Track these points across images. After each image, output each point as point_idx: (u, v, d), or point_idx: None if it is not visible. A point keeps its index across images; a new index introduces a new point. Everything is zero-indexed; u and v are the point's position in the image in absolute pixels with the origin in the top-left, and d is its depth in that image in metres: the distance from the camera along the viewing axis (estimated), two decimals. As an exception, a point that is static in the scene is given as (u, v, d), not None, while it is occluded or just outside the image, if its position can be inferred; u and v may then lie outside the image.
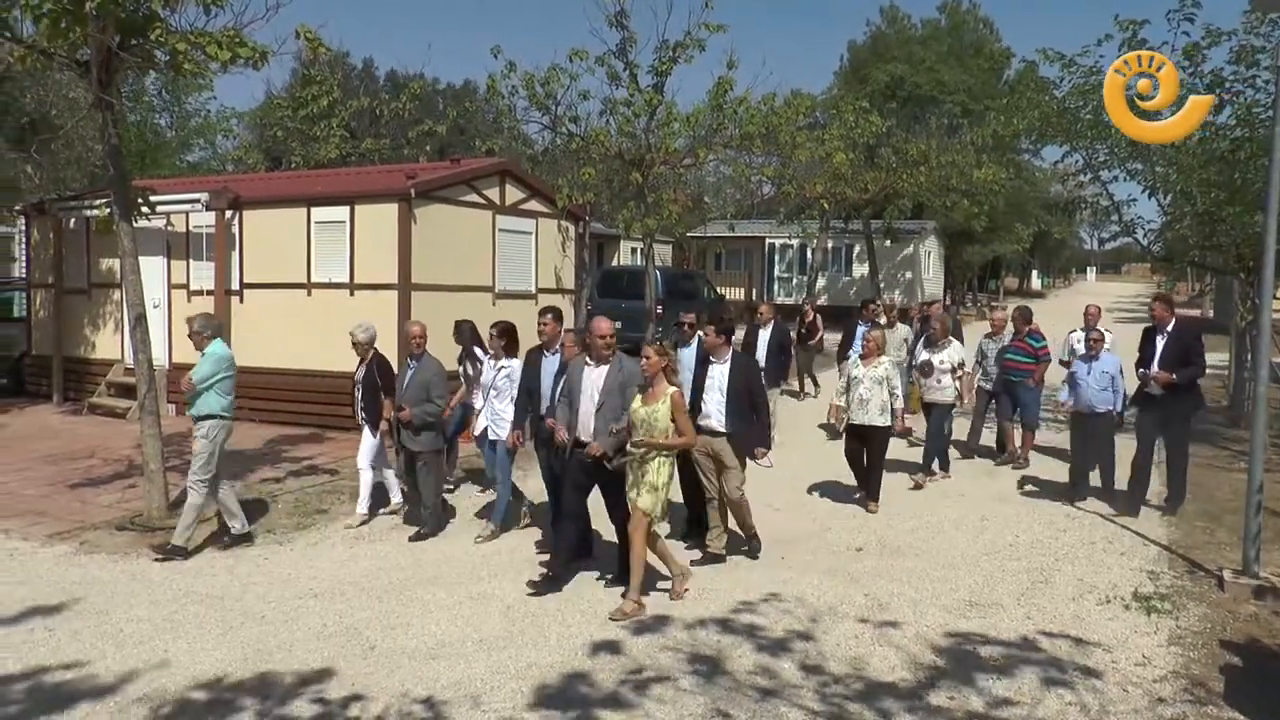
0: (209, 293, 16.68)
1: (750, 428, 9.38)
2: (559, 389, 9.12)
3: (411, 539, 10.28)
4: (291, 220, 16.20)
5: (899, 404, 11.08)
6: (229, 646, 7.36)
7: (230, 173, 31.17)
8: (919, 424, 13.69)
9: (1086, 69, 14.35)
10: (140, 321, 10.90)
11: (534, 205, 17.85)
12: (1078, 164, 16.33)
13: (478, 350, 11.59)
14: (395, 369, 11.06)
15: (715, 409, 9.32)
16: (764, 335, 14.46)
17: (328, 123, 26.78)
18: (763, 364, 13.57)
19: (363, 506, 10.92)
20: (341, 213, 15.76)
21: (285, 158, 29.77)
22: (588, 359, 8.79)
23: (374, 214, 15.44)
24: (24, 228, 20.25)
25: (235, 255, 16.67)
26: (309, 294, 15.98)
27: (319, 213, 15.98)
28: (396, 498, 11.23)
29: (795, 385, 19.44)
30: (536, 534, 10.37)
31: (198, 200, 16.45)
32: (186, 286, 17.20)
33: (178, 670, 6.92)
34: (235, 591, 8.65)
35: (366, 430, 10.91)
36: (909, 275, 42.03)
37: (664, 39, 19.30)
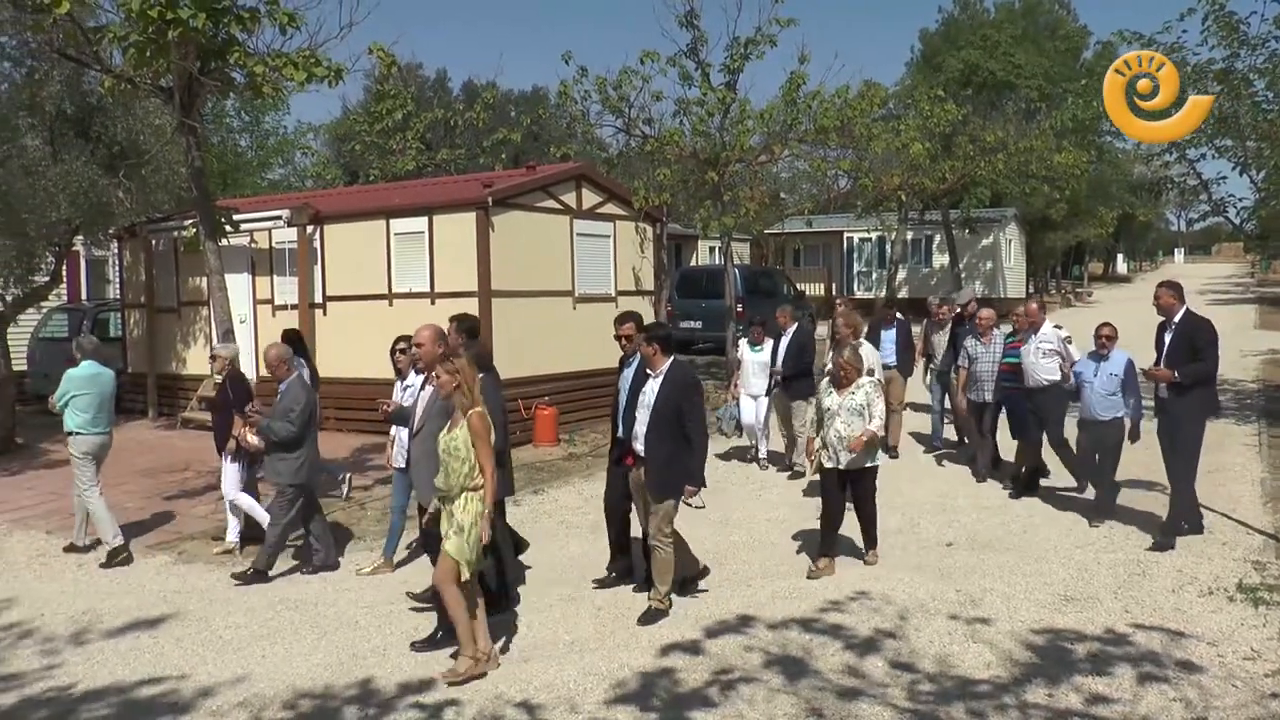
0: (293, 307, 16.97)
1: (676, 457, 7.91)
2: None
3: (234, 575, 9.44)
4: (371, 233, 16.42)
5: (875, 424, 8.87)
6: (325, 652, 7.50)
7: (309, 189, 31.71)
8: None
9: (1167, 46, 14.02)
10: (228, 337, 11.16)
11: (611, 208, 17.89)
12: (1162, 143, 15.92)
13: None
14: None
15: (641, 429, 8.04)
16: (784, 343, 13.22)
17: (403, 135, 27.06)
18: (782, 373, 13.03)
19: (232, 534, 10.33)
20: (420, 223, 15.95)
21: (363, 172, 30.16)
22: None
23: (452, 223, 15.59)
24: (117, 250, 20.83)
25: (317, 269, 16.94)
26: (390, 304, 16.18)
27: (398, 224, 16.18)
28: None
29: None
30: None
31: (279, 217, 16.74)
32: (271, 301, 17.52)
33: (276, 676, 7.07)
34: (328, 598, 8.80)
35: (225, 458, 10.15)
36: (989, 265, 41.44)
37: (735, 36, 19.25)
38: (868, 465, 9.08)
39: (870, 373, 10.87)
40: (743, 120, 19.14)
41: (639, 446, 8.04)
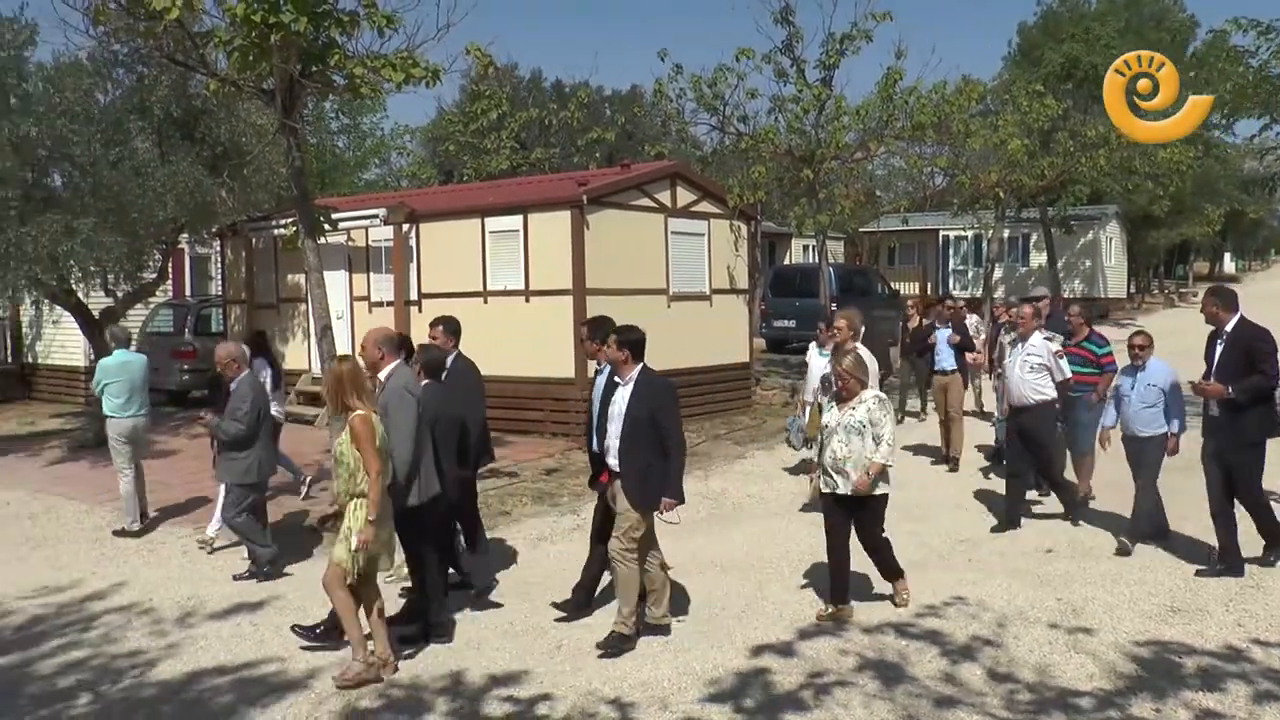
0: (389, 304, 17.22)
1: (652, 468, 7.39)
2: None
3: (235, 576, 9.50)
4: (466, 231, 16.59)
5: (880, 455, 7.70)
6: (414, 643, 7.56)
7: (405, 188, 32.11)
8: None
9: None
10: (326, 333, 11.34)
11: (705, 206, 17.84)
12: (1278, 136, 15.41)
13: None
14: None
15: (613, 441, 7.52)
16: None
17: (498, 135, 27.29)
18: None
19: (213, 527, 10.53)
20: (515, 222, 16.07)
21: (457, 171, 30.48)
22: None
23: (547, 221, 15.68)
24: (220, 248, 21.35)
25: (413, 267, 17.16)
26: (485, 302, 16.33)
27: (493, 223, 16.32)
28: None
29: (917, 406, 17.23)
30: (717, 533, 10.34)
31: (376, 216, 16.99)
32: (367, 298, 17.80)
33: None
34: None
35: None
36: (1089, 264, 40.53)
37: (830, 32, 19.12)
38: (875, 494, 7.86)
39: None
40: (838, 117, 19.01)
41: (612, 461, 7.54)
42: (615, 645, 7.30)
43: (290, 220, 15.52)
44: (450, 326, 9.07)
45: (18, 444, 16.43)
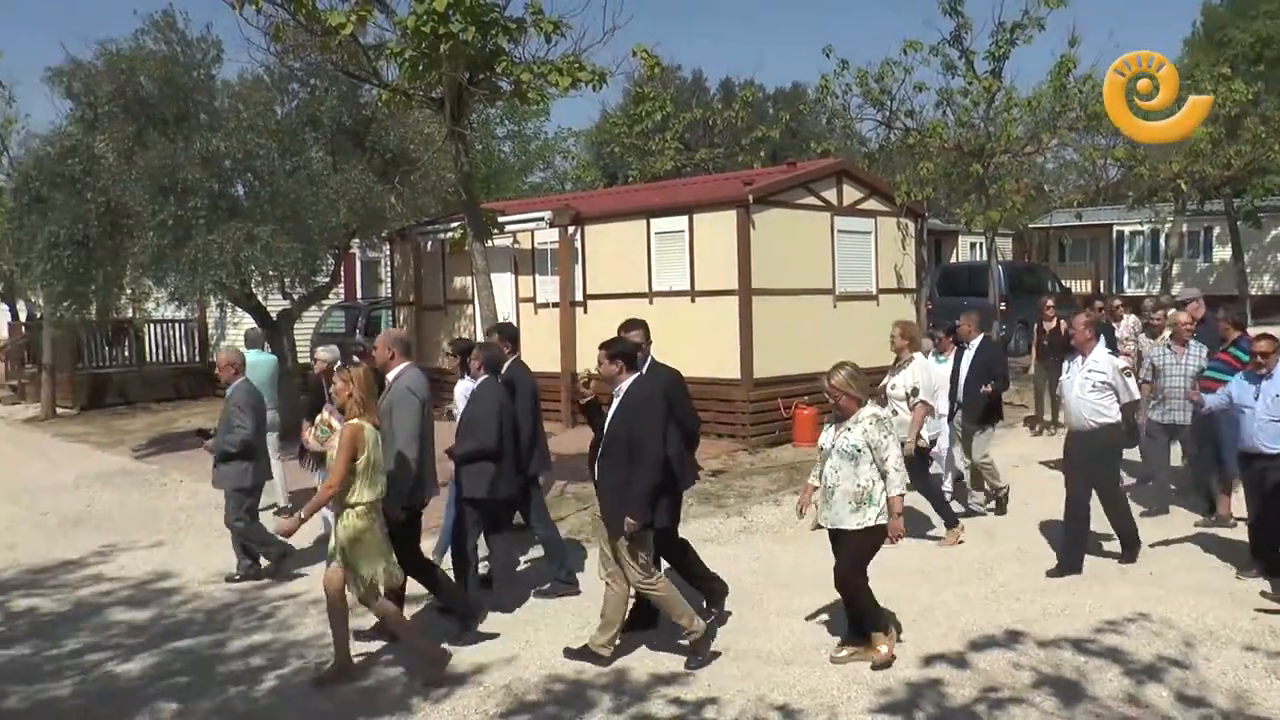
0: (554, 305, 17.42)
1: (625, 485, 6.99)
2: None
3: (228, 578, 9.58)
4: (631, 232, 16.67)
5: (895, 488, 6.85)
6: (581, 639, 7.58)
7: (569, 191, 32.52)
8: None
9: None
10: (491, 335, 11.52)
11: (872, 204, 17.53)
12: None
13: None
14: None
15: (600, 458, 7.28)
16: (967, 357, 11.31)
17: (662, 136, 27.39)
18: (962, 396, 11.16)
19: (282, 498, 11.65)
20: (680, 222, 16.07)
21: (622, 173, 30.73)
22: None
23: (713, 222, 15.64)
24: (389, 252, 22.00)
25: (578, 268, 17.33)
26: (650, 302, 16.37)
27: (658, 224, 16.36)
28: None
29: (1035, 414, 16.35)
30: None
31: (542, 218, 17.21)
32: (533, 300, 18.05)
33: (539, 660, 7.28)
34: (589, 587, 8.82)
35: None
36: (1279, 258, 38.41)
37: (1000, 21, 18.57)
38: (851, 528, 6.95)
39: (915, 391, 9.77)
40: (1008, 109, 18.47)
41: (599, 475, 7.27)
42: (584, 656, 7.20)
43: (458, 224, 15.89)
44: (508, 333, 9.42)
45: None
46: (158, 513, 12.72)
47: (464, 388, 8.97)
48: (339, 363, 11.01)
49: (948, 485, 11.64)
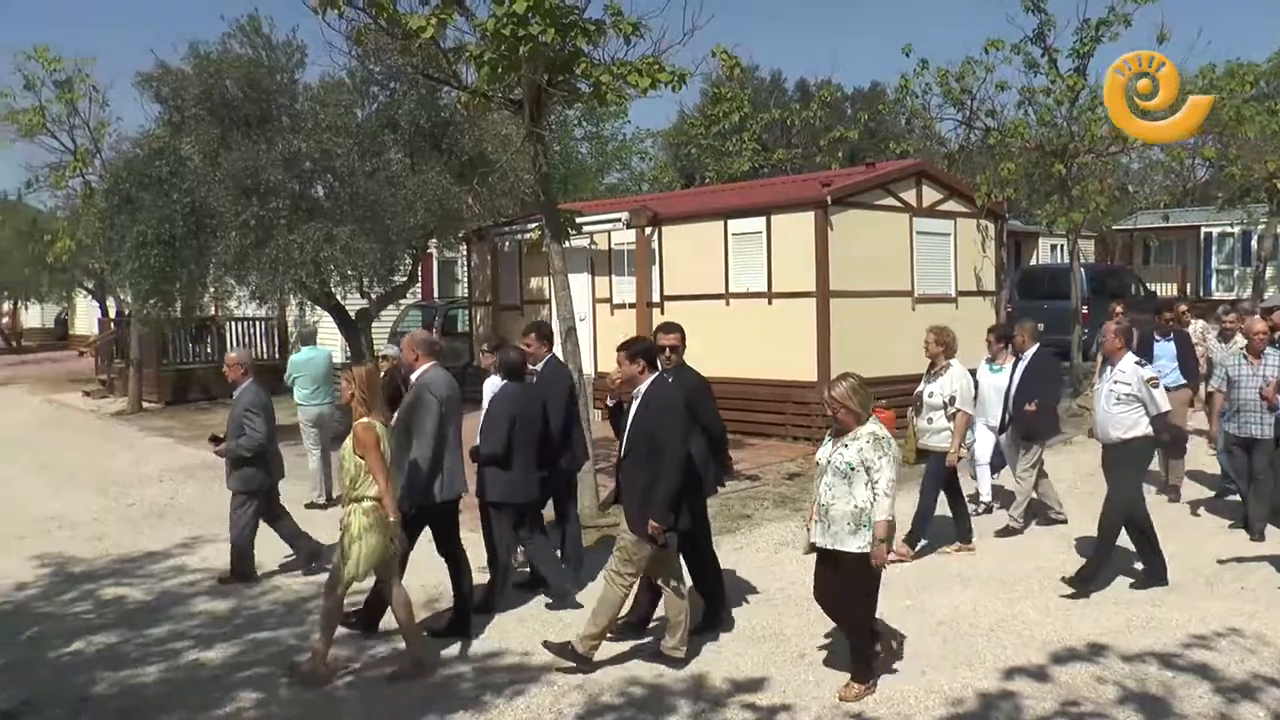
0: (631, 306, 17.44)
1: (646, 488, 6.91)
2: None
3: (220, 579, 9.57)
4: (708, 233, 16.63)
5: (882, 512, 6.37)
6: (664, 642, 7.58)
7: (647, 192, 32.54)
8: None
9: None
10: (570, 334, 11.56)
11: (952, 205, 17.32)
12: None
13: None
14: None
15: (624, 458, 7.21)
16: (1020, 368, 10.70)
17: (739, 137, 27.31)
18: (1012, 407, 10.55)
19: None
20: (758, 224, 16.00)
21: (699, 174, 30.65)
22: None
23: (790, 223, 15.55)
24: (466, 252, 22.19)
25: (655, 269, 17.32)
26: (727, 304, 16.33)
27: (735, 225, 16.30)
28: None
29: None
30: (967, 553, 9.97)
31: (619, 219, 17.24)
32: (610, 300, 18.09)
33: (615, 663, 7.23)
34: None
35: None
36: (1383, 262, 37.17)
37: (1085, 18, 18.18)
38: (850, 549, 6.48)
39: (953, 400, 9.51)
40: (1093, 108, 18.08)
41: (622, 477, 7.23)
42: (562, 653, 7.07)
43: (535, 224, 15.96)
44: (542, 332, 9.46)
45: (282, 433, 17.52)
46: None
47: (493, 384, 9.09)
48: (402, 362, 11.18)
49: (986, 495, 11.30)
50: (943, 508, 9.92)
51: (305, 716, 6.63)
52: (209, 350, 25.12)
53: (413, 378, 8.02)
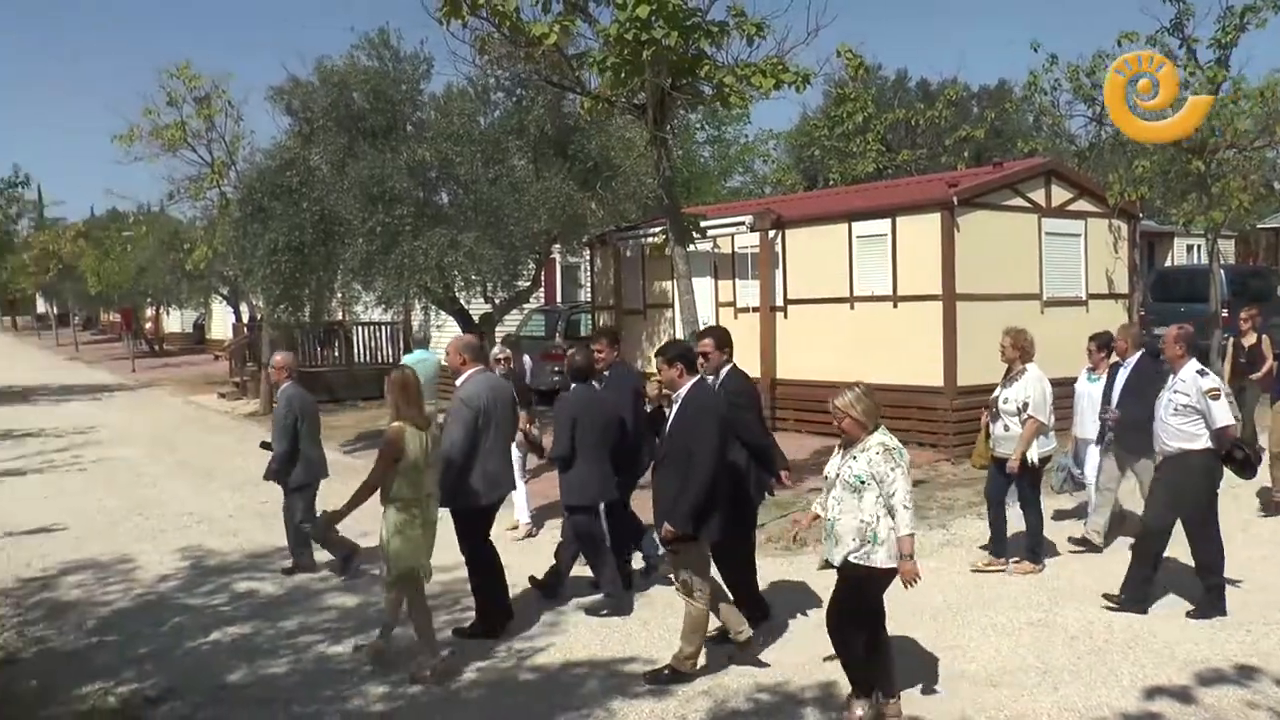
0: (754, 310, 17.33)
1: (675, 495, 6.82)
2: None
3: (285, 571, 10.02)
4: (832, 236, 16.44)
5: (904, 526, 6.03)
6: (793, 651, 7.54)
7: (769, 195, 32.38)
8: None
9: None
10: (695, 338, 11.51)
11: (1082, 205, 16.82)
12: None
13: None
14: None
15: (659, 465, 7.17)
16: (1121, 376, 9.96)
17: (863, 138, 27.00)
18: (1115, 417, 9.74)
19: (523, 515, 11.43)
20: (882, 226, 15.76)
21: (822, 176, 30.37)
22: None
23: (915, 225, 15.28)
24: (589, 257, 22.33)
25: (778, 273, 17.19)
26: (851, 307, 16.12)
27: (859, 227, 16.08)
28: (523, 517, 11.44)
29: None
30: (1096, 563, 9.65)
31: (743, 222, 17.16)
32: (733, 304, 17.99)
33: (748, 670, 7.17)
34: (790, 598, 8.71)
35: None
36: None
37: (1228, 6, 17.50)
38: (849, 559, 6.15)
39: (1026, 405, 9.07)
40: (1235, 100, 17.40)
41: (656, 482, 7.15)
42: (662, 679, 6.96)
43: (659, 229, 15.96)
44: (611, 338, 9.63)
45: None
46: (363, 506, 13.11)
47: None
48: (513, 363, 11.49)
49: (1096, 516, 10.44)
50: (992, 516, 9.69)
51: (431, 714, 6.71)
52: (336, 354, 25.78)
53: (457, 383, 8.18)
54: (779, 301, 17.18)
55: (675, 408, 7.07)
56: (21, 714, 6.90)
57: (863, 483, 6.09)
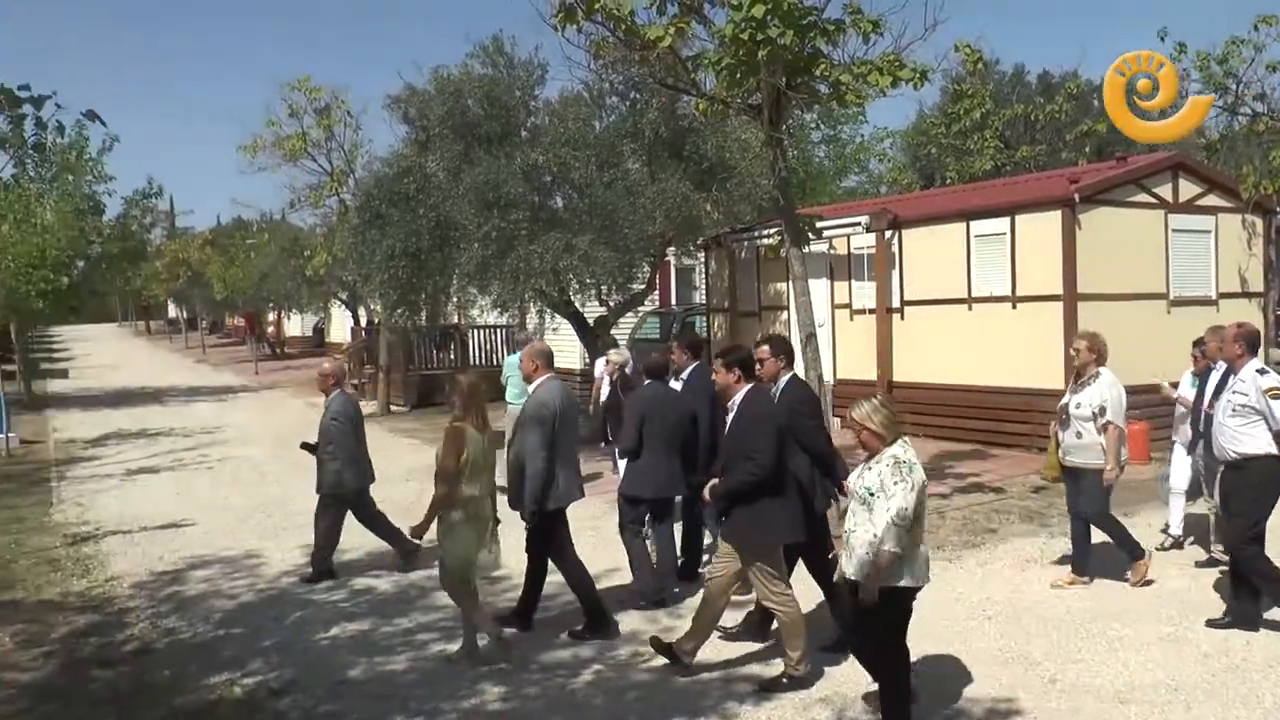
0: (870, 311, 17.13)
1: (757, 502, 6.86)
2: None
3: (307, 579, 10.00)
4: (949, 236, 16.17)
5: (888, 542, 5.73)
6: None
7: (884, 194, 31.99)
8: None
9: None
10: (810, 340, 11.40)
11: (1212, 200, 16.26)
12: None
13: None
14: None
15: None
16: (1213, 379, 8.87)
17: (981, 135, 26.54)
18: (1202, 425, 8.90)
19: None
20: (1001, 224, 15.44)
21: (939, 174, 29.88)
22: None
23: (1035, 223, 14.94)
24: (704, 259, 22.30)
25: (895, 273, 16.96)
26: (969, 308, 15.83)
27: (978, 226, 15.78)
28: None
29: None
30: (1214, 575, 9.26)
31: (858, 223, 16.97)
32: (849, 306, 17.80)
33: (861, 677, 6.92)
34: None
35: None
36: None
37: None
38: (890, 583, 5.88)
39: (1102, 411, 8.59)
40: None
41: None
42: (779, 686, 6.89)
43: (774, 230, 15.84)
44: (693, 349, 9.70)
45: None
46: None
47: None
48: (630, 364, 11.44)
49: (1176, 528, 10.14)
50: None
51: (547, 714, 6.73)
52: (452, 357, 26.18)
53: (529, 388, 8.38)
54: (895, 303, 16.96)
55: (732, 413, 7.12)
56: (155, 702, 7.15)
57: (872, 495, 5.91)
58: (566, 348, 23.56)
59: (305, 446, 10.41)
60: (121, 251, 28.16)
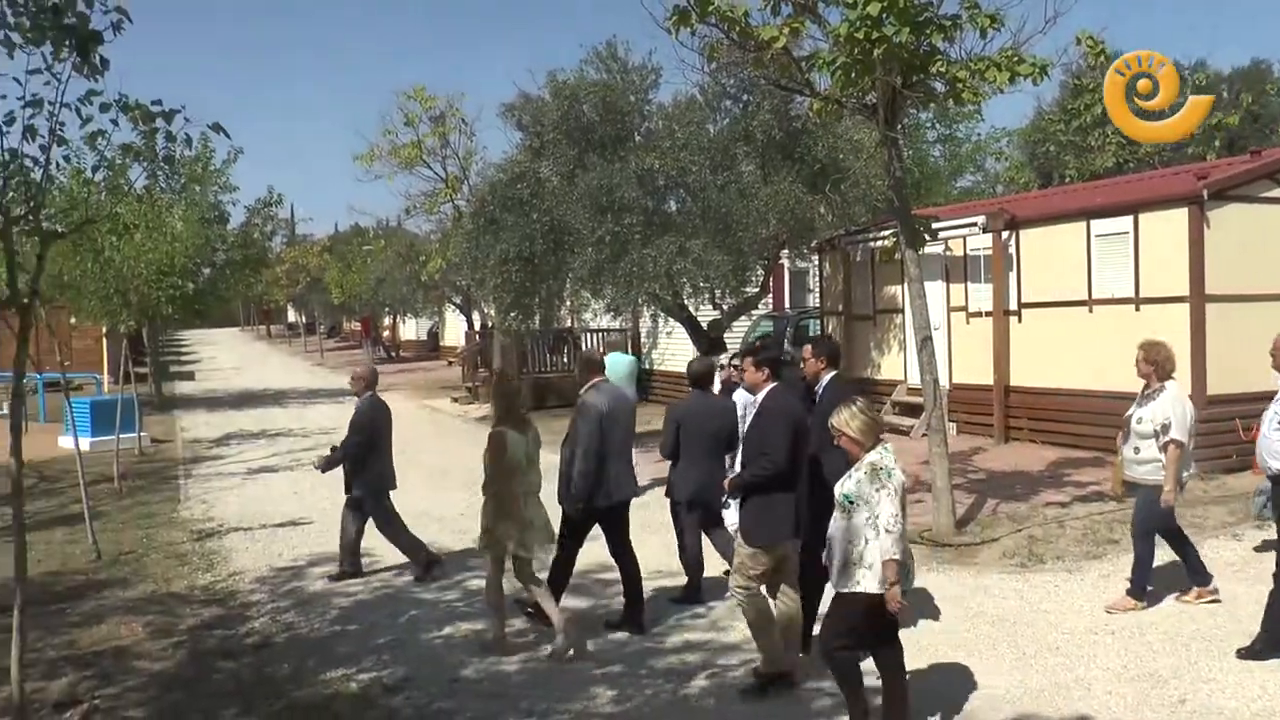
0: (987, 314, 16.81)
1: (768, 499, 6.90)
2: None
3: (331, 578, 10.35)
4: (1069, 235, 15.77)
5: (886, 551, 5.65)
6: (1024, 673, 7.22)
7: (1001, 194, 31.40)
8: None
9: None
10: (926, 344, 11.25)
11: (1354, 193, 15.57)
12: None
13: None
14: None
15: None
16: None
17: (1103, 131, 25.88)
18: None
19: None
20: (1124, 223, 14.99)
21: (1057, 172, 29.21)
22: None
23: (1160, 221, 14.47)
24: (817, 262, 22.13)
25: (1012, 275, 16.60)
26: (1089, 310, 15.40)
27: (1099, 225, 15.35)
28: None
29: None
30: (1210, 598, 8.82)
31: (975, 223, 16.66)
32: (965, 308, 17.48)
33: (984, 691, 6.91)
34: (1026, 616, 8.46)
35: None
36: None
37: None
38: (840, 590, 5.93)
39: (1165, 428, 8.20)
40: None
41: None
42: (754, 689, 6.98)
43: (889, 232, 15.64)
44: (829, 352, 9.25)
45: (638, 440, 18.18)
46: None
47: (742, 397, 9.42)
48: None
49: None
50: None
51: (658, 719, 6.73)
52: (565, 360, 26.35)
53: (581, 392, 8.76)
54: (1013, 305, 16.59)
55: (754, 413, 7.29)
56: (276, 694, 7.35)
57: (850, 502, 5.85)
58: (680, 352, 23.60)
59: (333, 450, 10.76)
60: (244, 258, 29.01)
